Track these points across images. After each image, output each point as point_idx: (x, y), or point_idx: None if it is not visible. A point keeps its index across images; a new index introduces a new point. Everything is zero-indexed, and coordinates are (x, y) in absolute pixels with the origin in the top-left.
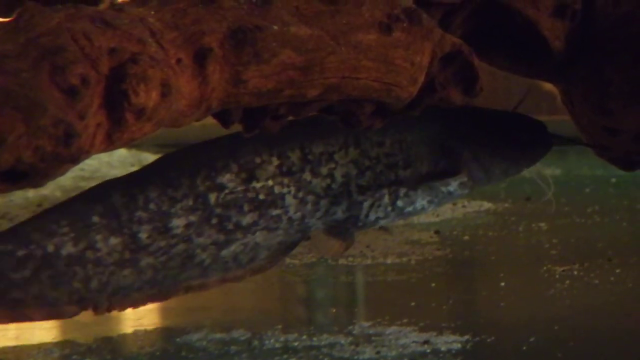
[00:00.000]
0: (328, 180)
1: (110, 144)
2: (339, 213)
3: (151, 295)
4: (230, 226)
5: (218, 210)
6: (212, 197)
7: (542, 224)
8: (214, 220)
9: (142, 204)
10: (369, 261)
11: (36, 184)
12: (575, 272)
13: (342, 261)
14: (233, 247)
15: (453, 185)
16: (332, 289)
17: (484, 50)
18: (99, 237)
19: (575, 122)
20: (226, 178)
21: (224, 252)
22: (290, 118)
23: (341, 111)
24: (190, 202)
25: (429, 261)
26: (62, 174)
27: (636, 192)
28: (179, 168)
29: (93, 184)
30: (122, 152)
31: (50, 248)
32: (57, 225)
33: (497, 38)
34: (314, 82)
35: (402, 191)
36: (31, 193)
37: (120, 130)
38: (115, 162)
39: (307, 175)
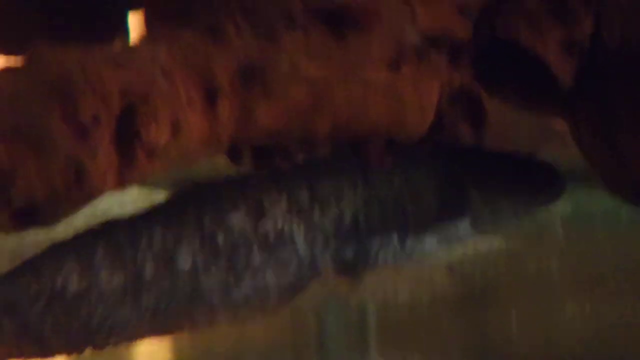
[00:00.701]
0: (337, 220)
1: (121, 182)
2: (349, 253)
3: (154, 331)
4: (239, 266)
5: (226, 250)
6: (220, 237)
7: (554, 262)
8: (222, 260)
9: (147, 242)
10: (379, 299)
11: (48, 223)
12: (588, 308)
13: (352, 300)
14: (243, 288)
15: (462, 226)
16: (342, 327)
17: (492, 86)
18: (103, 273)
19: (583, 155)
20: (235, 217)
21: (234, 293)
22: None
23: (351, 148)
24: (197, 241)
25: (440, 299)
26: (74, 213)
27: None
28: (186, 207)
29: None
30: (134, 190)
31: (59, 283)
32: (65, 260)
33: (505, 74)
34: (324, 119)
35: (411, 232)
36: (43, 233)
37: (131, 168)
38: (127, 201)
39: (316, 215)
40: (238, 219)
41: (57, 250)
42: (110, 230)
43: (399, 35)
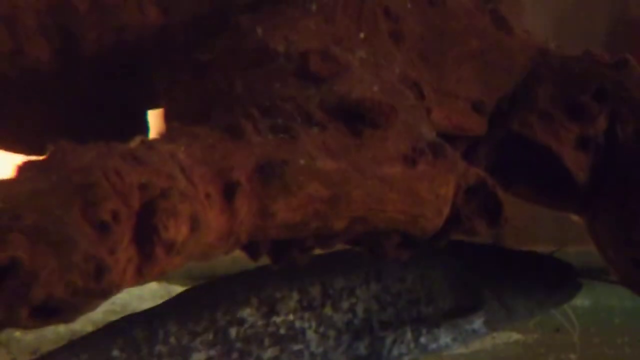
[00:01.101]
0: (349, 315)
1: (140, 278)
2: (361, 349)
3: None
4: None
5: (239, 345)
6: (233, 331)
7: (572, 356)
8: (235, 355)
9: (162, 337)
10: None
11: (67, 319)
12: None
13: None
14: None
15: (477, 323)
16: None
17: (508, 181)
18: None
19: (601, 253)
20: (247, 312)
21: None
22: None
23: (367, 242)
24: (211, 336)
25: None
26: (93, 308)
27: None
28: (200, 302)
29: None
30: (152, 285)
31: None
32: (78, 358)
33: (520, 170)
34: (341, 214)
35: (425, 328)
36: (62, 328)
37: (150, 264)
38: (146, 295)
39: (328, 310)
40: (250, 314)
41: (73, 347)
42: (126, 326)
43: (414, 132)
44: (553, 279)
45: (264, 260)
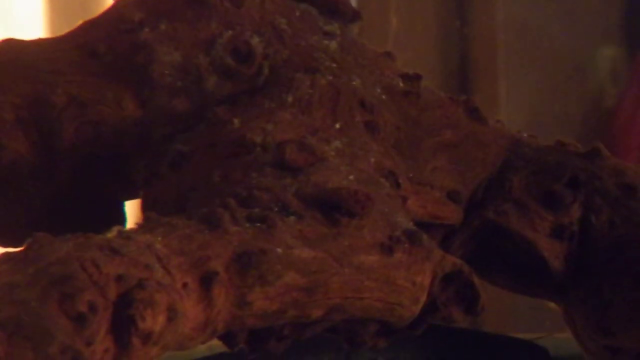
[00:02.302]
0: None
1: None
2: None
3: None
4: None
5: None
6: None
7: None
8: None
9: None
10: None
11: None
12: None
13: None
14: None
15: None
16: None
17: (485, 269)
18: None
19: (577, 340)
20: None
21: None
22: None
23: (345, 330)
24: None
25: None
26: None
27: None
28: None
29: None
30: None
31: None
32: None
33: (496, 258)
34: (318, 302)
35: None
36: None
37: (127, 354)
38: None
39: None
40: None
41: None
42: None
43: (390, 221)
44: None
45: None
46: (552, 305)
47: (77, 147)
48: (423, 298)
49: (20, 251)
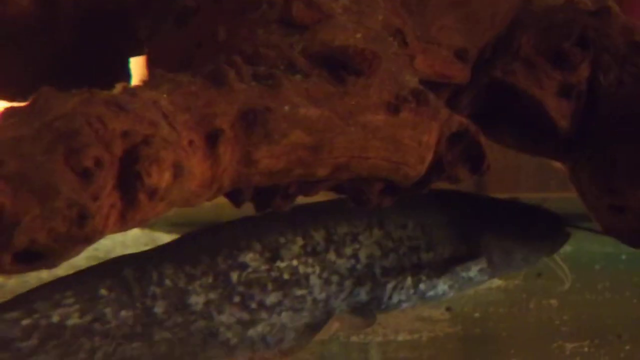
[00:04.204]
0: (352, 261)
1: (123, 224)
2: (363, 294)
3: None
4: (254, 305)
5: (240, 289)
6: (234, 276)
7: (553, 301)
8: (236, 299)
9: (156, 279)
10: (380, 338)
11: (50, 265)
12: (586, 349)
13: (353, 338)
14: (260, 327)
15: (473, 270)
16: None
17: (491, 129)
18: (107, 309)
19: (582, 199)
20: (249, 257)
21: (251, 332)
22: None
23: (350, 189)
24: (210, 280)
25: (440, 338)
26: (77, 254)
27: None
28: (198, 246)
29: None
30: (135, 231)
31: (55, 318)
32: (62, 295)
33: (503, 117)
34: (324, 161)
35: (424, 275)
36: (45, 274)
37: (133, 210)
38: (129, 242)
39: (331, 256)
40: (252, 259)
41: (58, 284)
42: (115, 266)
43: (397, 80)
44: (544, 228)
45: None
46: (557, 165)
47: (81, 1)
48: (429, 157)
49: (25, 105)
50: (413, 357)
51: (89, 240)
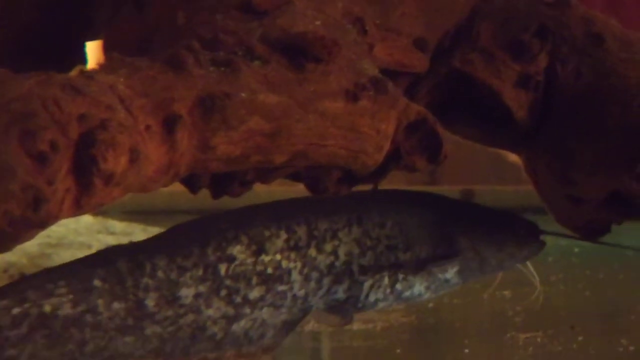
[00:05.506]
0: (332, 258)
1: (78, 209)
2: (340, 292)
3: None
4: (239, 299)
5: (227, 282)
6: (223, 268)
7: (506, 292)
8: (223, 292)
9: (149, 271)
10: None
11: (3, 249)
12: (539, 340)
13: (307, 327)
14: (243, 322)
15: (450, 272)
16: (297, 355)
17: (449, 119)
18: (100, 301)
19: (538, 191)
20: (236, 249)
21: (235, 327)
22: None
23: (308, 177)
24: (200, 272)
25: (394, 328)
26: (30, 239)
27: (598, 261)
28: (189, 238)
29: (59, 250)
30: (88, 218)
31: (47, 308)
32: (55, 285)
33: (461, 108)
34: (282, 148)
35: (402, 274)
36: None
37: (88, 195)
38: (82, 229)
39: (312, 251)
40: (239, 251)
41: (50, 274)
42: (108, 257)
43: (356, 68)
44: (521, 235)
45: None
46: (512, 157)
47: None
48: (387, 146)
49: None
50: (366, 345)
51: (43, 224)
